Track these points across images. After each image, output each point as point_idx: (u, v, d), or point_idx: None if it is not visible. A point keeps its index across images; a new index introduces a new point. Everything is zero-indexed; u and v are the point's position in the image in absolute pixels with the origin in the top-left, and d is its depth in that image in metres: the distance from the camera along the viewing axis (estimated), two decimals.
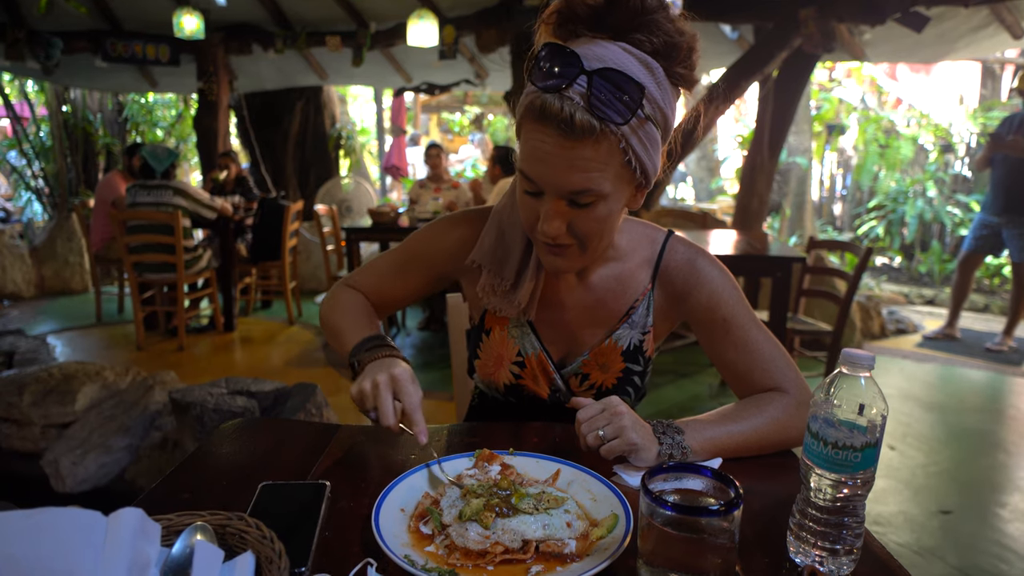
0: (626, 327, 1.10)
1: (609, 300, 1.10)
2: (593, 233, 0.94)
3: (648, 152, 0.89)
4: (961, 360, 4.61)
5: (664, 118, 0.89)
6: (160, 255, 4.38)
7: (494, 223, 1.10)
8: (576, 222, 0.92)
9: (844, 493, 0.69)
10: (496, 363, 1.15)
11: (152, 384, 2.97)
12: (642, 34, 0.85)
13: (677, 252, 1.09)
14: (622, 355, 1.11)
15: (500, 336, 1.14)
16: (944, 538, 2.44)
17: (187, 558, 0.62)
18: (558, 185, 0.88)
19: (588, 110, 0.82)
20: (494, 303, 1.10)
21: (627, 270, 1.10)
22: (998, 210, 4.64)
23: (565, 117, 0.82)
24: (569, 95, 0.83)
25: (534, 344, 1.12)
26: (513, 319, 1.12)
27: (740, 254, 3.50)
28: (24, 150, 7.73)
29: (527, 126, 0.88)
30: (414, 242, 1.19)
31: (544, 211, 0.91)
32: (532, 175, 0.90)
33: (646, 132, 0.87)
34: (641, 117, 0.85)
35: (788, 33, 4.34)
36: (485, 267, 1.09)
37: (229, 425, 1.09)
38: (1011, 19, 4.66)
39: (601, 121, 0.83)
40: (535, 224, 0.94)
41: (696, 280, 1.07)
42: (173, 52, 6.13)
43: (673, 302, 1.10)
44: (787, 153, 7.56)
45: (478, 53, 5.86)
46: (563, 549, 0.72)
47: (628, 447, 0.88)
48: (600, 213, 0.91)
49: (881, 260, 7.99)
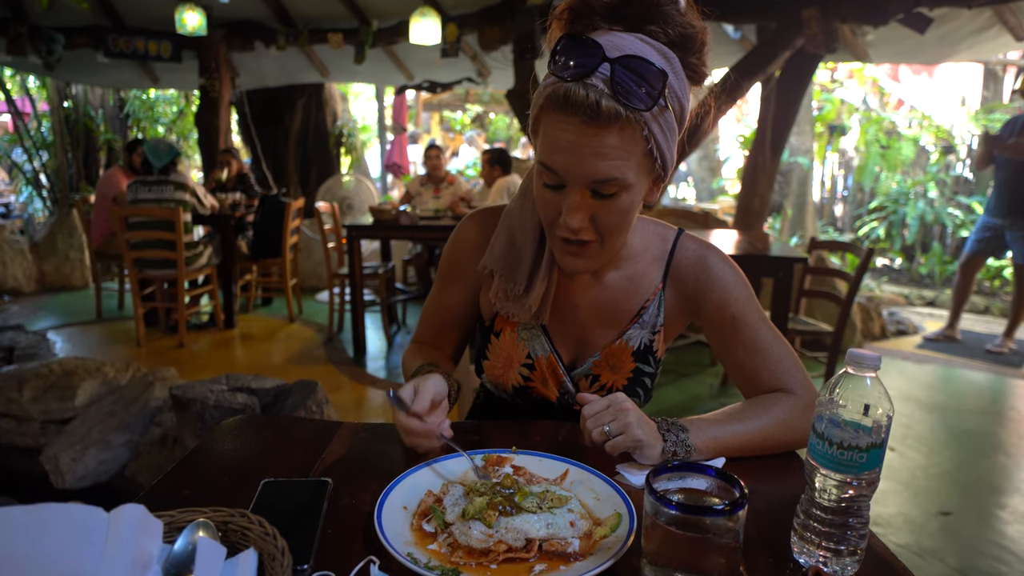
0: (637, 327, 1.09)
1: (621, 300, 1.10)
2: (615, 227, 0.93)
3: (668, 141, 0.89)
4: (961, 362, 4.61)
5: (681, 108, 0.90)
6: (161, 251, 4.38)
7: (504, 226, 1.09)
8: (599, 215, 0.91)
9: (849, 494, 0.69)
10: (505, 365, 1.14)
11: (152, 380, 2.97)
12: (657, 25, 0.86)
13: (688, 250, 1.09)
14: (633, 355, 1.10)
15: (510, 338, 1.13)
16: (944, 539, 2.44)
17: (189, 555, 0.61)
18: (583, 174, 0.87)
19: (613, 97, 0.82)
20: (507, 308, 1.09)
21: (639, 269, 1.09)
22: (1002, 212, 4.63)
23: (591, 103, 0.82)
24: (592, 83, 0.82)
25: (544, 346, 1.11)
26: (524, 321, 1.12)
27: (741, 254, 3.50)
28: (25, 146, 7.72)
29: (549, 117, 0.87)
30: (443, 259, 1.19)
31: (567, 204, 0.90)
32: (555, 166, 0.88)
33: (666, 121, 0.87)
34: (663, 105, 0.85)
35: (791, 33, 4.33)
36: (497, 272, 1.08)
37: (230, 422, 1.08)
38: (1014, 21, 4.66)
39: (626, 108, 0.82)
40: (555, 220, 0.93)
41: (707, 279, 1.06)
42: (175, 48, 6.12)
43: (684, 301, 1.09)
44: (789, 153, 7.55)
45: (480, 51, 5.85)
46: (566, 548, 0.71)
47: (633, 443, 0.88)
48: (623, 204, 0.90)
49: (882, 261, 7.99)
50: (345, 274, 4.72)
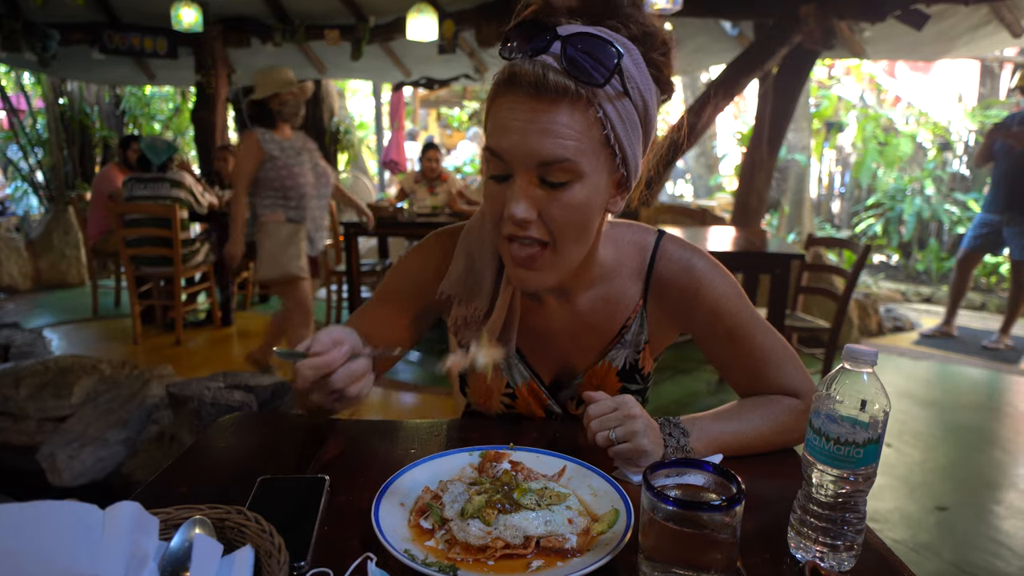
0: (619, 346, 1.03)
1: (598, 322, 1.02)
2: (568, 225, 0.83)
3: (628, 134, 0.82)
4: (958, 358, 4.62)
5: (644, 103, 0.83)
6: (158, 249, 4.37)
7: (462, 248, 1.01)
8: (549, 209, 0.81)
9: (846, 489, 0.69)
10: (486, 395, 1.08)
11: (149, 378, 2.96)
12: (618, 21, 0.83)
13: (671, 259, 0.99)
14: (618, 375, 1.04)
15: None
16: (940, 534, 2.44)
17: (186, 552, 0.61)
18: (527, 154, 0.78)
19: (562, 71, 0.77)
20: (467, 337, 1.01)
21: (615, 287, 1.00)
22: (999, 208, 4.64)
23: (538, 76, 0.76)
24: (542, 59, 0.78)
25: (523, 373, 1.05)
26: None
27: (739, 251, 3.50)
28: (20, 142, 7.69)
29: (495, 102, 0.81)
30: (389, 276, 1.10)
31: (511, 191, 0.81)
32: (499, 148, 0.80)
33: (625, 109, 0.81)
34: (619, 89, 0.80)
35: (788, 30, 4.33)
36: (455, 298, 1.01)
37: (227, 419, 1.08)
38: (1011, 17, 4.66)
39: (576, 82, 0.76)
40: (501, 216, 0.83)
41: (695, 291, 0.98)
42: (171, 45, 6.10)
43: (670, 314, 1.02)
44: (786, 150, 7.56)
45: (478, 48, 5.84)
46: (564, 544, 0.71)
47: (637, 453, 0.86)
48: (576, 198, 0.81)
49: (879, 258, 8.01)
50: (342, 271, 4.71)
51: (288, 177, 3.34)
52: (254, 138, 3.36)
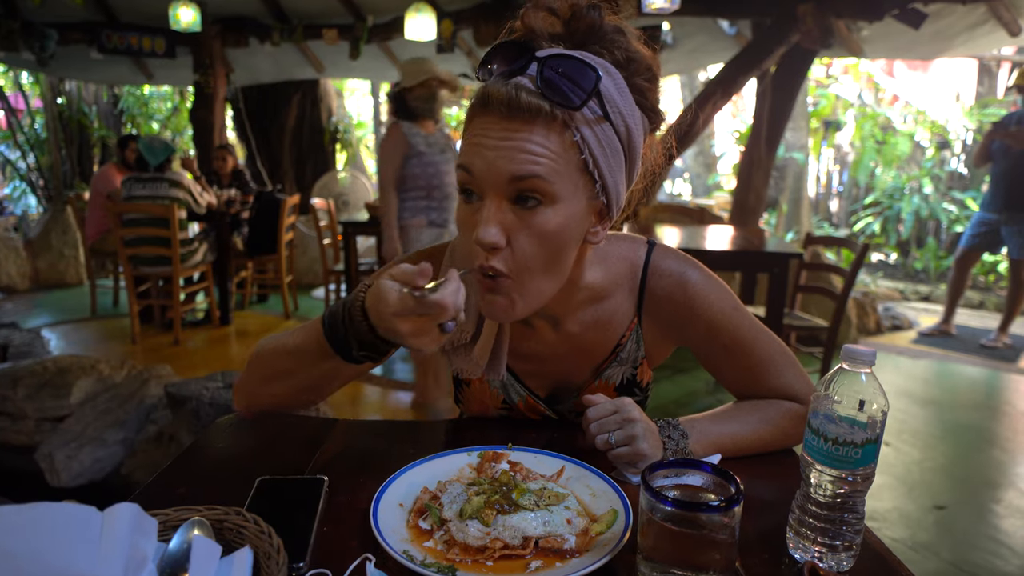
0: (615, 364, 1.01)
1: (591, 344, 1.00)
2: (536, 254, 0.79)
3: (608, 160, 0.79)
4: (956, 356, 4.63)
5: (627, 129, 0.80)
6: (156, 248, 4.36)
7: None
8: (519, 236, 0.78)
9: (844, 489, 0.69)
10: (481, 410, 1.07)
11: (147, 378, 2.96)
12: (602, 47, 0.81)
13: (663, 274, 0.96)
14: (616, 390, 1.03)
15: (481, 387, 1.04)
16: (939, 534, 2.45)
17: (184, 553, 0.61)
18: (498, 172, 0.76)
19: (536, 92, 0.75)
20: (454, 362, 0.99)
21: (607, 308, 0.98)
22: (998, 207, 4.65)
23: (509, 97, 0.74)
24: (516, 80, 0.76)
25: (519, 391, 1.03)
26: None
27: (737, 250, 3.50)
28: (19, 142, 7.69)
29: (470, 123, 0.79)
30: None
31: (481, 215, 0.78)
32: (471, 166, 0.78)
33: (604, 134, 0.78)
34: (598, 113, 0.77)
35: (786, 29, 4.33)
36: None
37: (225, 420, 1.08)
38: (1008, 16, 4.67)
39: (551, 103, 0.74)
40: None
41: (690, 307, 0.96)
42: (169, 44, 6.09)
43: (665, 329, 1.00)
44: (784, 149, 7.56)
45: (476, 47, 5.84)
46: (563, 545, 0.71)
47: (636, 457, 0.85)
48: (549, 223, 0.78)
49: (877, 256, 8.02)
50: (341, 270, 4.71)
51: (435, 176, 3.08)
52: (400, 130, 3.07)
